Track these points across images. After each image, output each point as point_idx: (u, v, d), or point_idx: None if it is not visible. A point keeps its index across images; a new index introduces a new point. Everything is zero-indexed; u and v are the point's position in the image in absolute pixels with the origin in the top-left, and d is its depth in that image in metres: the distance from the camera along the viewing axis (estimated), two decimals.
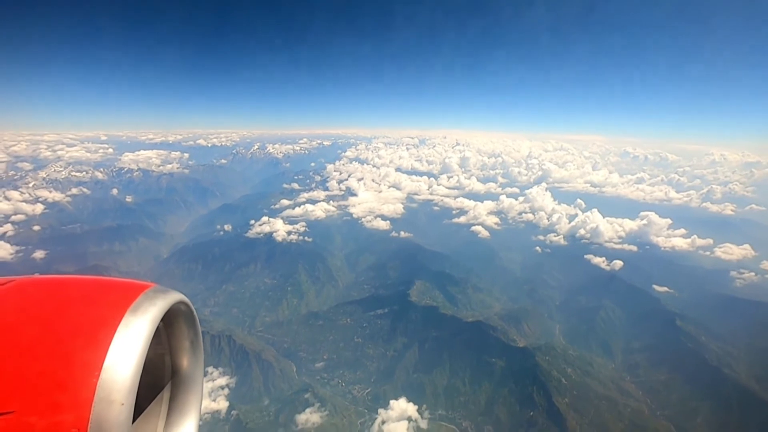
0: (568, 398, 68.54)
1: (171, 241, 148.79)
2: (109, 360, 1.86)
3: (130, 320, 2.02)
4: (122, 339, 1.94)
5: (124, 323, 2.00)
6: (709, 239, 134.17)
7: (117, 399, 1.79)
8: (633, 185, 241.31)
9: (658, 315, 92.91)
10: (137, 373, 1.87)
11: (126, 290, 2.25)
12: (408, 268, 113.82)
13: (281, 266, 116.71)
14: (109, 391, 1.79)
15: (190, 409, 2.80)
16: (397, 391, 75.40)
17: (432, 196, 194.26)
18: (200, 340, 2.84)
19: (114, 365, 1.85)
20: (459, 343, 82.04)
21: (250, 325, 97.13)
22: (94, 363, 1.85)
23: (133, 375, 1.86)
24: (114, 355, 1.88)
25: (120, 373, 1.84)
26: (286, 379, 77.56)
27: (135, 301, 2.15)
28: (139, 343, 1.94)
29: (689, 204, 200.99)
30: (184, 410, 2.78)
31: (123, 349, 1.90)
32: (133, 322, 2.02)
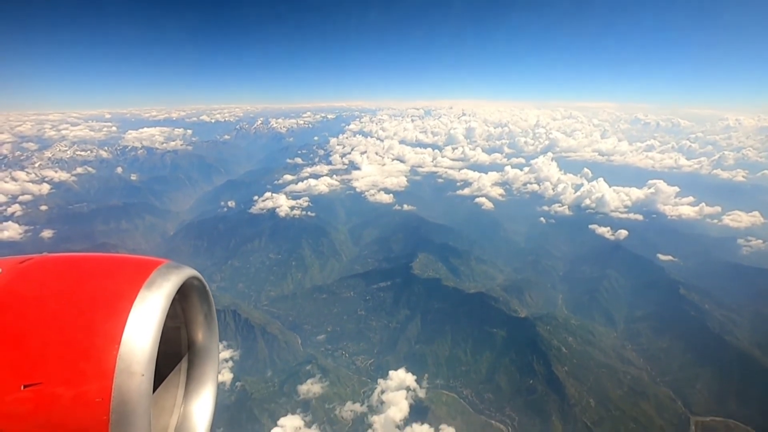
0: (567, 366, 69.44)
1: (177, 219, 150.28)
2: (127, 333, 1.94)
3: (145, 295, 2.10)
4: (139, 313, 2.02)
5: (140, 298, 2.08)
6: (718, 207, 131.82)
7: (137, 370, 1.87)
8: (642, 153, 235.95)
9: (661, 284, 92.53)
10: (155, 346, 1.96)
11: (140, 266, 2.32)
12: (411, 241, 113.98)
13: (285, 241, 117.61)
14: (129, 362, 1.88)
15: (208, 379, 2.93)
16: (399, 361, 76.93)
17: (436, 168, 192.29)
18: (214, 314, 2.97)
19: (132, 338, 1.93)
20: (461, 315, 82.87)
21: (256, 299, 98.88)
22: (113, 336, 1.93)
23: (151, 347, 1.94)
24: (132, 329, 1.96)
25: (138, 345, 1.92)
26: (291, 351, 79.39)
27: (149, 276, 2.22)
28: (155, 317, 2.03)
29: (699, 171, 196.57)
30: (201, 380, 2.92)
31: (140, 322, 1.99)
32: (148, 297, 2.10)
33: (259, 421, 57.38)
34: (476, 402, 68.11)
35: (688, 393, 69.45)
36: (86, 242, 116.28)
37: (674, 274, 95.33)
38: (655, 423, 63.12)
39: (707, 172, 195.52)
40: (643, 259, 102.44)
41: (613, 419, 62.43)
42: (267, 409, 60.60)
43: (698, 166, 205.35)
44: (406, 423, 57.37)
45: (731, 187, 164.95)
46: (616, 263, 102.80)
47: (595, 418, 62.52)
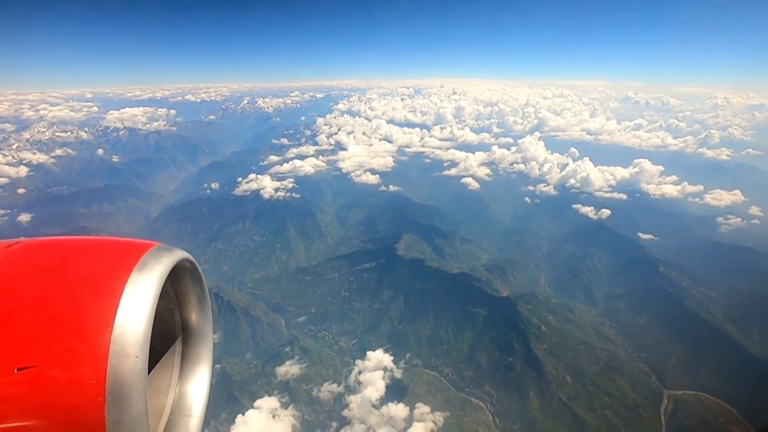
0: (546, 344, 70.69)
1: (161, 201, 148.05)
2: (120, 316, 1.95)
3: (137, 278, 2.11)
4: (131, 296, 2.02)
5: (131, 281, 2.08)
6: (700, 186, 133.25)
7: (131, 352, 1.89)
8: (630, 132, 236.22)
9: (642, 262, 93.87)
10: (148, 328, 1.97)
11: (131, 249, 2.31)
12: (397, 222, 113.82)
13: (270, 223, 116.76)
14: (123, 344, 1.89)
15: (202, 360, 2.98)
16: (382, 341, 77.78)
17: (423, 149, 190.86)
18: (207, 296, 2.98)
19: (125, 320, 1.94)
20: (443, 295, 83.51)
21: (240, 281, 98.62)
22: (106, 318, 1.94)
23: (145, 329, 1.95)
24: (124, 311, 1.97)
25: (132, 327, 1.93)
26: (275, 333, 79.71)
27: (141, 259, 2.22)
28: (148, 299, 2.03)
29: (685, 150, 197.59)
30: (196, 361, 2.96)
31: (133, 305, 1.99)
32: (140, 279, 2.10)
33: (239, 403, 57.86)
34: (456, 380, 69.28)
35: (663, 368, 71.26)
36: (66, 226, 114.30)
37: (655, 252, 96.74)
38: (629, 397, 64.88)
39: (693, 151, 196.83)
40: (625, 238, 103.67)
41: (589, 394, 64.06)
42: (247, 390, 61.08)
43: (684, 145, 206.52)
44: (382, 402, 58.32)
45: (715, 166, 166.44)
46: (598, 242, 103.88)
47: (571, 393, 64.07)
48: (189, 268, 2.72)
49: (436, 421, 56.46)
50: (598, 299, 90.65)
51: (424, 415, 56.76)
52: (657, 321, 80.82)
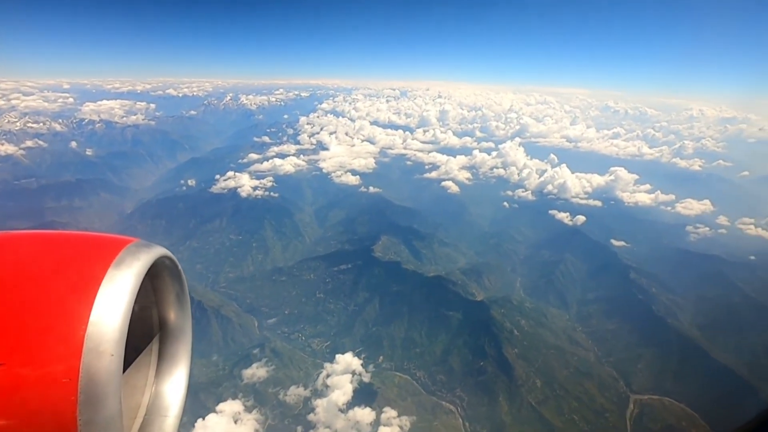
0: (518, 348, 71.26)
1: (136, 196, 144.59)
2: (95, 313, 1.89)
3: (114, 274, 2.03)
4: (107, 292, 1.95)
5: (108, 277, 2.01)
6: (672, 194, 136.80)
7: (106, 350, 1.83)
8: (608, 140, 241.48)
9: (614, 268, 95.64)
10: (124, 325, 1.90)
11: (109, 245, 2.25)
12: (376, 223, 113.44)
13: (247, 222, 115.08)
14: (98, 342, 1.83)
15: (180, 359, 2.92)
16: (355, 343, 77.23)
17: (406, 151, 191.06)
18: (186, 293, 2.92)
19: (101, 318, 1.88)
20: (418, 297, 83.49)
21: (214, 281, 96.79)
22: (80, 316, 1.87)
23: (121, 327, 1.89)
24: (100, 308, 1.90)
25: (107, 325, 1.87)
26: (247, 334, 78.30)
27: (118, 255, 2.14)
28: (125, 296, 1.96)
29: (660, 159, 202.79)
30: (174, 360, 2.90)
31: (108, 302, 1.92)
32: (117, 276, 2.03)
33: (204, 406, 56.44)
34: (428, 383, 69.18)
35: (630, 373, 72.66)
36: (33, 220, 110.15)
37: (626, 258, 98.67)
38: (597, 402, 65.94)
39: (667, 160, 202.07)
40: (598, 244, 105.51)
41: (558, 399, 64.81)
42: (213, 393, 59.60)
43: (659, 154, 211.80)
44: (349, 406, 57.74)
45: (687, 176, 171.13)
46: (573, 248, 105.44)
47: (541, 398, 64.71)
48: (168, 265, 2.62)
49: (402, 426, 56.21)
50: (571, 304, 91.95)
51: (391, 419, 56.44)
52: (627, 326, 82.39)
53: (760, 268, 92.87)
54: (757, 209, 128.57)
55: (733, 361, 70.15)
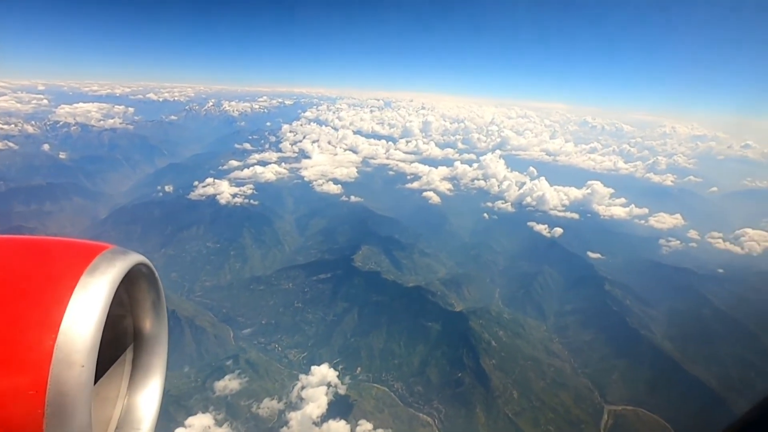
0: (495, 359, 71.44)
1: (110, 202, 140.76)
2: (66, 322, 1.79)
3: (87, 281, 1.93)
4: (80, 300, 1.86)
5: (81, 284, 1.91)
6: (646, 208, 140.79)
7: (77, 360, 1.74)
8: (586, 154, 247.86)
9: (590, 280, 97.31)
10: (97, 335, 1.82)
11: (83, 251, 2.13)
12: (356, 233, 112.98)
13: (225, 230, 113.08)
14: (68, 352, 1.74)
15: (155, 369, 2.79)
16: (333, 354, 76.22)
17: (388, 161, 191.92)
18: (163, 302, 2.81)
19: (72, 327, 1.79)
20: (398, 308, 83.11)
21: (189, 289, 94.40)
22: (49, 325, 1.78)
23: (93, 337, 1.80)
24: (71, 317, 1.81)
25: (78, 335, 1.78)
26: (221, 345, 76.40)
27: (93, 261, 2.04)
28: (98, 304, 1.87)
29: (634, 174, 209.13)
30: (148, 371, 2.77)
31: (81, 310, 1.83)
32: (91, 283, 1.93)
33: (174, 420, 54.52)
34: (406, 395, 68.61)
35: (605, 383, 73.57)
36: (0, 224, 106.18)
37: (602, 270, 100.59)
38: (572, 413, 66.41)
39: (641, 175, 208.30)
40: (575, 256, 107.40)
41: (534, 410, 65.05)
42: (184, 406, 57.72)
43: (634, 169, 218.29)
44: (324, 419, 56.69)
45: (660, 191, 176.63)
46: (551, 259, 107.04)
47: (517, 409, 64.85)
48: (145, 272, 2.50)
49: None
50: (548, 315, 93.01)
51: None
52: (602, 337, 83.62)
53: (728, 281, 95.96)
54: (725, 224, 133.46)
55: (703, 373, 71.83)
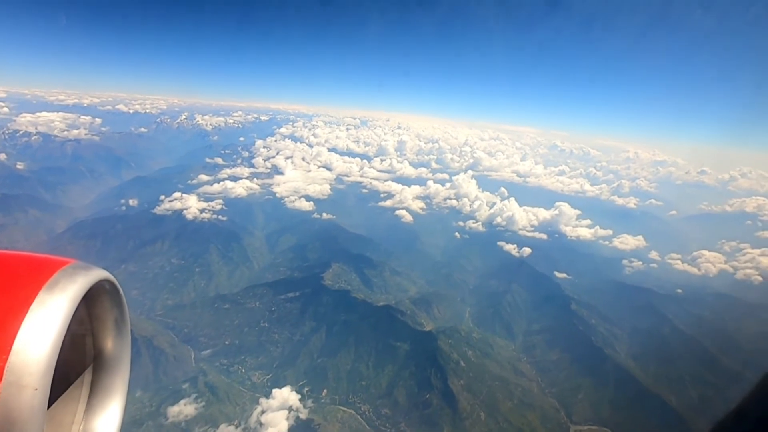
0: (463, 380, 70.92)
1: (70, 215, 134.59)
2: (19, 342, 1.67)
3: (45, 299, 1.82)
4: (36, 318, 1.75)
5: (38, 301, 1.81)
6: (610, 230, 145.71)
7: (29, 384, 1.62)
8: (554, 177, 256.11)
9: (557, 299, 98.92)
10: (52, 356, 1.69)
11: (41, 266, 2.01)
12: (327, 250, 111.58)
13: (192, 245, 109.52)
14: (20, 374, 1.62)
15: (115, 392, 2.62)
16: (299, 376, 74.01)
17: (362, 179, 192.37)
18: (127, 320, 2.65)
19: (25, 348, 1.66)
20: (366, 328, 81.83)
21: (150, 308, 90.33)
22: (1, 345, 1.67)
23: (48, 358, 1.67)
24: (25, 336, 1.69)
25: (32, 356, 1.65)
26: (181, 367, 72.91)
27: (51, 278, 1.92)
28: (56, 323, 1.76)
29: (600, 196, 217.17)
30: (107, 393, 2.60)
31: (36, 329, 1.71)
32: (48, 300, 1.82)
33: None
34: (373, 418, 66.99)
35: (571, 403, 74.15)
36: None
37: (568, 290, 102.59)
38: None
39: (606, 197, 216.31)
40: (543, 276, 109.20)
41: (501, 431, 64.55)
42: None
43: (599, 191, 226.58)
44: None
45: (623, 213, 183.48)
46: (519, 279, 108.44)
47: (484, 430, 64.21)
48: (108, 289, 2.38)
49: None
50: (517, 334, 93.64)
51: None
52: (568, 356, 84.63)
53: (687, 301, 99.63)
54: (684, 246, 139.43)
55: (664, 391, 73.43)
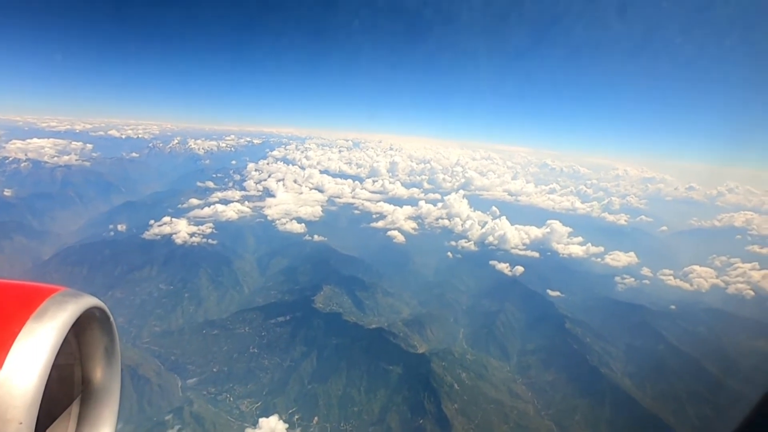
0: (458, 404, 69.38)
1: (57, 241, 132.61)
2: (4, 374, 1.59)
3: (33, 328, 1.76)
4: (22, 349, 1.67)
5: (25, 331, 1.74)
6: (602, 247, 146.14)
7: (14, 417, 1.53)
8: (545, 195, 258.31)
9: (551, 318, 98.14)
10: (39, 387, 1.61)
11: (30, 294, 1.96)
12: (319, 272, 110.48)
13: (181, 270, 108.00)
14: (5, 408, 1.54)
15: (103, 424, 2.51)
16: (289, 403, 72.09)
17: (354, 200, 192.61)
18: (117, 349, 2.63)
19: (10, 379, 1.58)
20: (358, 351, 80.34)
21: (136, 335, 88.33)
22: None
23: (34, 390, 1.59)
24: (11, 367, 1.61)
25: (18, 387, 1.57)
26: (167, 396, 70.68)
27: (40, 306, 1.87)
28: (44, 353, 1.69)
29: (591, 214, 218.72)
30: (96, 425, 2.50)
31: (23, 360, 1.64)
32: (37, 329, 1.76)
33: None
34: None
35: (568, 425, 72.61)
36: None
37: (562, 308, 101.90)
38: None
39: (597, 215, 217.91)
40: (536, 295, 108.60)
41: None
42: None
43: (590, 209, 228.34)
44: None
45: (614, 230, 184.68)
46: (512, 298, 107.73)
47: None
48: (98, 316, 2.35)
49: None
50: (511, 354, 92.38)
51: None
52: (564, 377, 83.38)
53: (680, 317, 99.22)
54: (675, 261, 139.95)
55: (661, 410, 72.25)
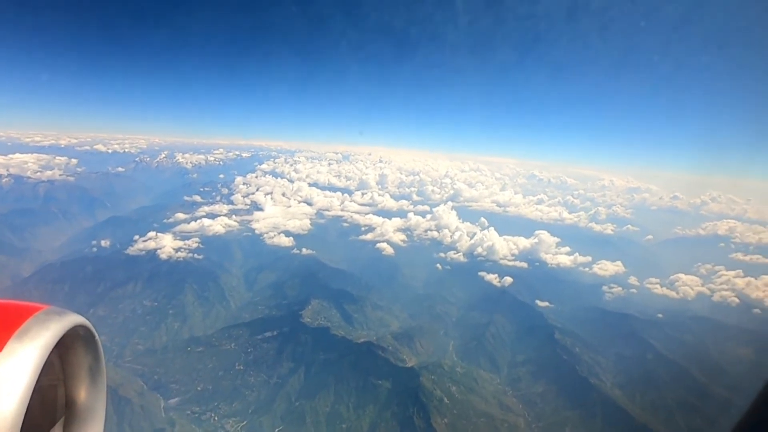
0: (447, 418, 68.44)
1: (38, 258, 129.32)
2: None
3: (14, 347, 1.69)
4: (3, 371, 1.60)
5: (7, 351, 1.67)
6: (589, 256, 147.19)
7: None
8: (533, 205, 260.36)
9: (540, 329, 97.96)
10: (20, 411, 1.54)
11: (11, 313, 1.89)
12: (307, 286, 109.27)
13: (165, 286, 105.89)
14: None
15: None
16: (276, 421, 70.41)
17: (343, 213, 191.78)
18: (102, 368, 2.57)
19: None
20: (346, 366, 79.09)
21: (119, 354, 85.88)
22: None
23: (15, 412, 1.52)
24: None
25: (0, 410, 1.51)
26: (148, 417, 68.56)
27: (22, 325, 1.81)
28: (26, 374, 1.62)
29: (578, 224, 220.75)
30: None
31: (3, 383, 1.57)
32: (18, 350, 1.69)
33: None
34: None
35: None
36: None
37: (551, 319, 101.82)
38: None
39: (584, 225, 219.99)
40: (525, 305, 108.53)
41: None
42: None
43: (577, 219, 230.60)
44: None
45: (601, 239, 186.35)
46: (501, 309, 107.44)
47: None
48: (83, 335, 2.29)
49: None
50: (501, 366, 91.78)
51: None
52: (554, 388, 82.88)
53: (667, 326, 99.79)
54: (661, 270, 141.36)
55: (651, 420, 72.06)
